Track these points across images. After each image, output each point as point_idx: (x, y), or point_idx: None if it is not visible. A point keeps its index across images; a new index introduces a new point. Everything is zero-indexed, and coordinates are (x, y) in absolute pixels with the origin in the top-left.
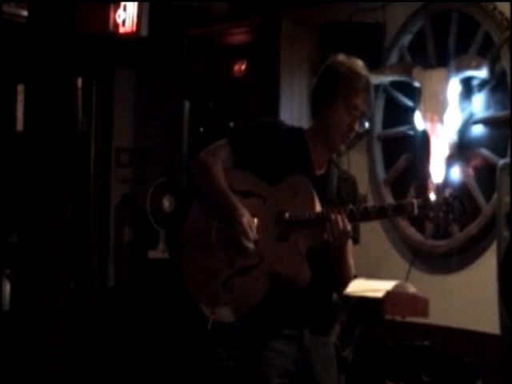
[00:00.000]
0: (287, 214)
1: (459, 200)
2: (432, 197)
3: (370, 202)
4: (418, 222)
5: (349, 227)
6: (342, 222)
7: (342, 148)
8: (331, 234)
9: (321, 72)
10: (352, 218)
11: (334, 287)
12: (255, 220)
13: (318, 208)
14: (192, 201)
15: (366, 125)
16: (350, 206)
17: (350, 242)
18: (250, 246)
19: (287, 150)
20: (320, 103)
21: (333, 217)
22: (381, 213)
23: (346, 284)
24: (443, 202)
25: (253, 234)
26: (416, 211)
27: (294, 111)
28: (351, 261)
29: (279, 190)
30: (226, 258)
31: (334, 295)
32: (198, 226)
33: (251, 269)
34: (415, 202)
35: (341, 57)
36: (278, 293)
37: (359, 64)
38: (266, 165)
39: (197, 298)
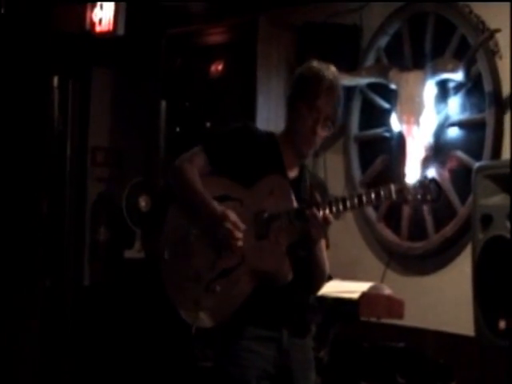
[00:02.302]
0: (266, 213)
1: (434, 182)
2: (408, 181)
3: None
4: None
5: (330, 218)
6: (322, 212)
7: (308, 153)
8: (312, 226)
9: (292, 79)
10: (331, 208)
11: (310, 287)
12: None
13: (296, 204)
14: (168, 208)
15: (331, 131)
16: (329, 199)
17: (323, 243)
18: (240, 243)
19: (261, 153)
20: (287, 108)
21: (312, 209)
22: (359, 200)
23: (321, 283)
24: (419, 184)
25: (239, 233)
26: (394, 195)
27: (270, 111)
28: (326, 261)
29: (255, 191)
30: (207, 262)
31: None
32: (176, 234)
33: (233, 270)
34: (392, 186)
35: (312, 63)
36: (259, 294)
37: (327, 68)
38: (242, 168)
39: (178, 305)
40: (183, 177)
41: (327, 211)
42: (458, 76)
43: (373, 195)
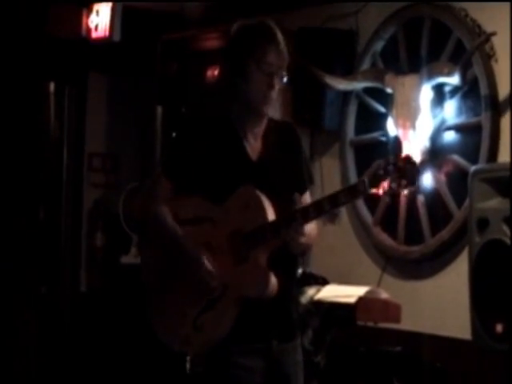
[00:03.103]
0: (241, 234)
1: (407, 160)
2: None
3: (343, 208)
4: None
5: (305, 229)
6: (299, 226)
7: (266, 109)
8: (289, 239)
9: (226, 52)
10: (307, 216)
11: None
12: (210, 253)
13: (271, 215)
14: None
15: (286, 78)
16: (304, 206)
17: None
18: (216, 282)
19: (219, 147)
20: (234, 78)
21: (288, 225)
22: (334, 201)
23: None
24: (393, 169)
25: (214, 282)
26: (369, 189)
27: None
28: (312, 230)
29: (228, 208)
30: (191, 297)
31: (304, 299)
32: (155, 270)
33: (217, 300)
34: (366, 179)
35: (237, 26)
36: (245, 312)
37: (264, 19)
38: (208, 181)
39: (169, 344)
40: (151, 218)
41: (304, 222)
42: (453, 80)
43: (346, 194)
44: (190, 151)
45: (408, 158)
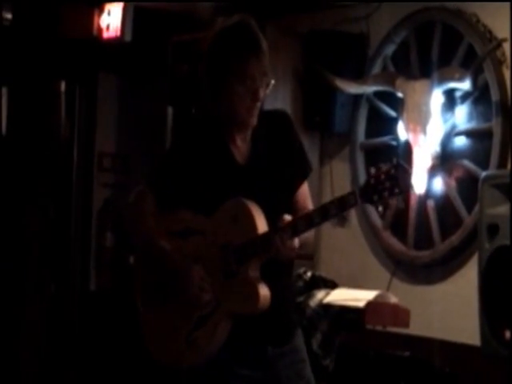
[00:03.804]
0: (231, 249)
1: (398, 166)
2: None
3: (353, 211)
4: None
5: (295, 243)
6: (289, 239)
7: (252, 121)
8: (279, 254)
9: (205, 60)
10: (296, 231)
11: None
12: (200, 266)
13: (262, 226)
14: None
15: (272, 82)
16: (294, 219)
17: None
18: (207, 297)
19: (205, 156)
20: (215, 90)
21: (277, 240)
22: (324, 214)
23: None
24: (384, 178)
25: (206, 295)
26: (360, 201)
27: None
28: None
29: (217, 220)
30: (183, 312)
31: (313, 303)
32: (146, 283)
33: (209, 316)
34: (356, 190)
35: (213, 33)
36: (238, 324)
37: (242, 21)
38: (194, 189)
39: (163, 362)
40: (139, 231)
41: (293, 236)
42: (464, 85)
43: (337, 206)
44: (176, 168)
45: (399, 165)
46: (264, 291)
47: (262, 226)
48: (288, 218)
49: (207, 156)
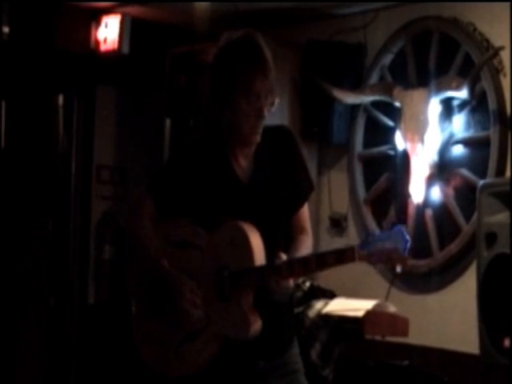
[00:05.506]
0: (226, 273)
1: (398, 230)
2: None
3: (350, 222)
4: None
5: (290, 283)
6: (283, 280)
7: (257, 138)
8: (273, 293)
9: (211, 76)
10: (291, 273)
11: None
12: (195, 282)
13: (259, 255)
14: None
15: (276, 101)
16: (290, 260)
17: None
18: (199, 313)
19: (208, 170)
20: (220, 105)
21: (272, 281)
22: (321, 262)
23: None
24: (386, 249)
25: (198, 312)
26: (357, 258)
27: None
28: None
29: (216, 239)
30: (174, 323)
31: (312, 313)
32: (140, 290)
33: (199, 333)
34: (355, 246)
35: (218, 48)
36: (230, 341)
37: (247, 39)
38: (195, 202)
39: (152, 367)
40: (136, 238)
41: (288, 277)
42: (462, 94)
43: (335, 257)
44: (177, 174)
45: (401, 234)
46: (255, 320)
47: (259, 256)
48: (284, 256)
49: (208, 169)
